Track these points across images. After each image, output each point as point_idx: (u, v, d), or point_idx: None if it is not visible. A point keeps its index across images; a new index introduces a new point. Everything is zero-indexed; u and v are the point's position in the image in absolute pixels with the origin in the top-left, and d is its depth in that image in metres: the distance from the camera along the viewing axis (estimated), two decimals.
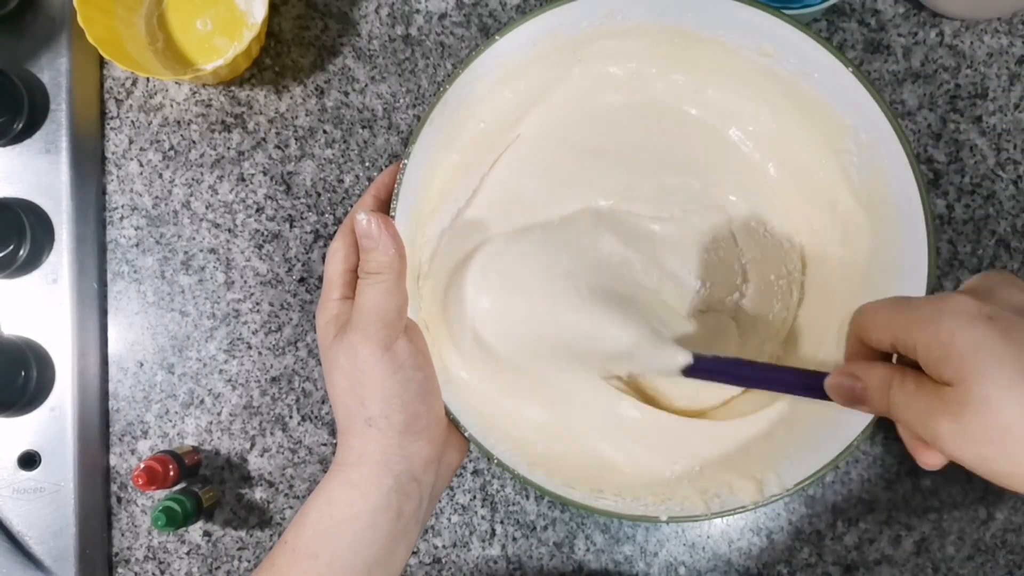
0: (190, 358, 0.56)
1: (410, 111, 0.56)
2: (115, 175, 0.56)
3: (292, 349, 0.56)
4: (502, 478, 0.55)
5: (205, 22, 0.55)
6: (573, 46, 0.45)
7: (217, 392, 0.56)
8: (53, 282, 0.54)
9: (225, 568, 0.56)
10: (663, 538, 0.55)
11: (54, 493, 0.53)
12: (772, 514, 0.55)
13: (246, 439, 0.56)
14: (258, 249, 0.56)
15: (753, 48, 0.44)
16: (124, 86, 0.56)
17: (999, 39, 0.54)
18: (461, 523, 0.55)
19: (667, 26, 0.45)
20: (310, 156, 0.56)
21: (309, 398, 0.56)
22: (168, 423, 0.56)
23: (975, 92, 0.54)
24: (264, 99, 0.56)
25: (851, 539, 0.55)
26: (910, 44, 0.54)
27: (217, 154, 0.56)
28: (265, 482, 0.56)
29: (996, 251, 0.54)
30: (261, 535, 0.56)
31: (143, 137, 0.56)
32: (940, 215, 0.54)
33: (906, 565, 0.55)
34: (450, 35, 0.56)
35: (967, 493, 0.54)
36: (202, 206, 0.56)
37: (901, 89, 0.54)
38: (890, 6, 0.54)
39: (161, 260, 0.56)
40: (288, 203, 0.56)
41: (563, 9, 0.43)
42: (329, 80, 0.56)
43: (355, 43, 0.56)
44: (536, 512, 0.55)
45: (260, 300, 0.56)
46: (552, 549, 0.55)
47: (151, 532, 0.56)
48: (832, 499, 0.55)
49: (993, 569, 0.54)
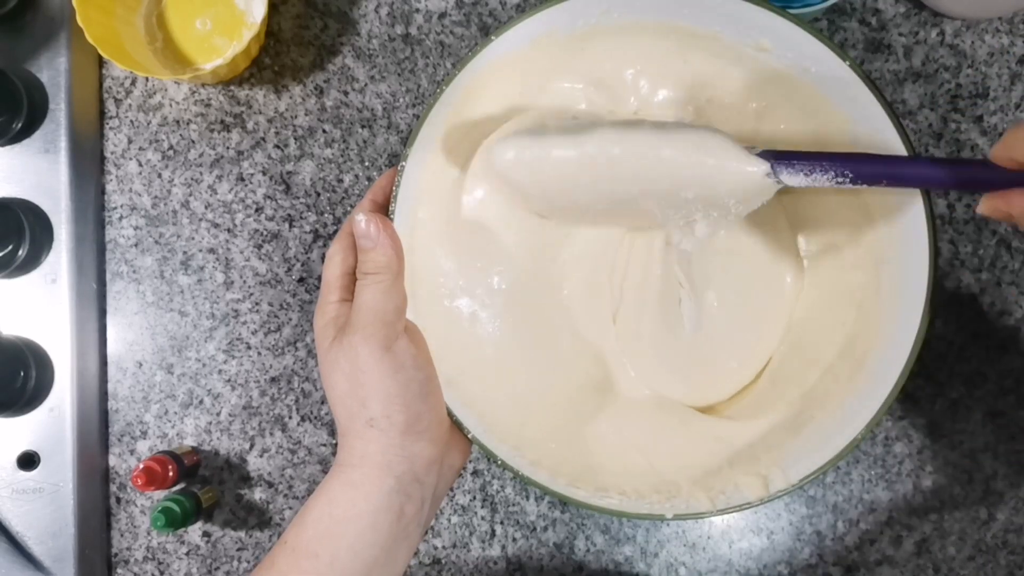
0: (189, 358, 0.56)
1: (410, 110, 0.56)
2: (114, 175, 0.56)
3: (291, 349, 0.56)
4: (502, 478, 0.55)
5: (204, 21, 0.55)
6: (571, 45, 0.45)
7: (216, 392, 0.56)
8: (52, 282, 0.54)
9: (224, 569, 0.56)
10: (663, 539, 0.55)
11: (53, 493, 0.53)
12: (773, 514, 0.55)
13: (245, 439, 0.56)
14: (257, 249, 0.56)
15: (750, 44, 0.44)
16: (123, 86, 0.56)
17: (1000, 39, 0.54)
18: (461, 524, 0.55)
19: (663, 23, 0.45)
20: (309, 156, 0.56)
21: (308, 398, 0.56)
22: (167, 423, 0.56)
23: (976, 92, 0.54)
24: (263, 99, 0.56)
25: (852, 539, 0.55)
26: (911, 43, 0.54)
27: (216, 154, 0.56)
28: (264, 482, 0.56)
29: (997, 251, 0.54)
30: (260, 535, 0.56)
31: (142, 137, 0.56)
32: (940, 215, 0.54)
33: (907, 566, 0.55)
34: (450, 34, 0.56)
35: (968, 494, 0.54)
36: (201, 206, 0.56)
37: (902, 89, 0.54)
38: (891, 5, 0.54)
39: (160, 260, 0.56)
40: (287, 203, 0.56)
41: (559, 8, 0.43)
42: (328, 79, 0.56)
43: (355, 42, 0.56)
44: (536, 513, 0.55)
45: (259, 300, 0.56)
46: (552, 550, 0.55)
47: (150, 533, 0.56)
48: (833, 499, 0.55)
49: (994, 570, 0.54)
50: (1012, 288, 0.54)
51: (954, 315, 0.54)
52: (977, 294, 0.54)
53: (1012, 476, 0.54)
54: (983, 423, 0.54)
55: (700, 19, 0.44)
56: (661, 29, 0.45)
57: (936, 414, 0.54)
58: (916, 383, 0.54)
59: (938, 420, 0.54)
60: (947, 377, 0.54)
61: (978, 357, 0.54)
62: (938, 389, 0.54)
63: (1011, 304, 0.54)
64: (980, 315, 0.54)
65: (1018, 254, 0.54)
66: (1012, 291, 0.54)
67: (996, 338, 0.54)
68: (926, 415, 0.54)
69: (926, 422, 0.54)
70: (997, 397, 0.54)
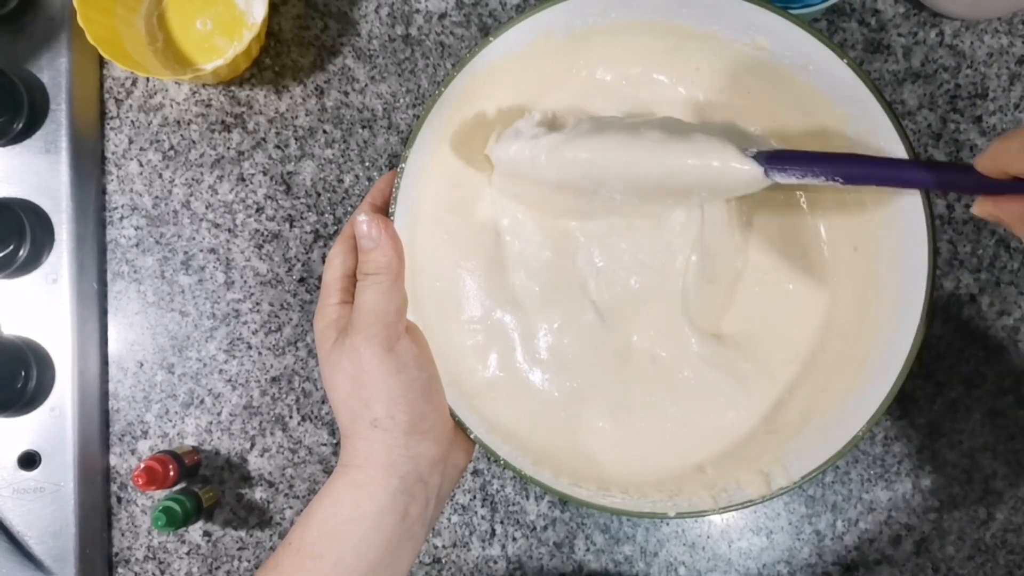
0: (190, 358, 0.56)
1: (410, 111, 0.56)
2: (115, 175, 0.56)
3: (292, 349, 0.56)
4: (502, 478, 0.55)
5: (205, 22, 0.55)
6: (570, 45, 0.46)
7: (217, 392, 0.56)
8: (53, 282, 0.54)
9: (225, 568, 0.56)
10: (663, 538, 0.55)
11: (54, 493, 0.53)
12: (772, 514, 0.55)
13: (246, 439, 0.56)
14: (258, 249, 0.56)
15: (748, 42, 0.44)
16: (124, 86, 0.56)
17: (999, 39, 0.54)
18: (461, 523, 0.55)
19: (661, 22, 0.45)
20: (310, 156, 0.56)
21: (309, 398, 0.56)
22: (168, 423, 0.56)
23: (975, 92, 0.54)
24: (264, 99, 0.56)
25: (851, 539, 0.55)
26: (910, 44, 0.54)
27: (217, 154, 0.56)
28: (265, 482, 0.56)
29: (996, 251, 0.54)
30: (261, 535, 0.56)
31: (143, 137, 0.56)
32: (940, 215, 0.54)
33: (906, 565, 0.55)
34: (450, 35, 0.56)
35: (967, 493, 0.54)
36: (202, 206, 0.56)
37: (901, 89, 0.54)
38: (890, 6, 0.54)
39: (161, 260, 0.56)
40: (288, 203, 0.56)
41: (557, 9, 0.43)
42: (329, 80, 0.56)
43: (355, 43, 0.56)
44: (536, 512, 0.55)
45: (260, 300, 0.56)
46: (552, 549, 0.55)
47: (151, 532, 0.56)
48: (832, 499, 0.55)
49: (993, 569, 0.55)
50: (1011, 288, 0.54)
51: (954, 315, 0.54)
52: (976, 294, 0.54)
53: (1011, 476, 0.54)
54: (982, 423, 0.54)
55: (698, 18, 0.44)
56: (659, 28, 0.45)
57: (935, 414, 0.54)
58: (916, 383, 0.54)
59: (937, 420, 0.54)
60: (946, 377, 0.54)
61: (977, 357, 0.54)
62: (937, 389, 0.54)
63: (1010, 304, 0.54)
64: (980, 315, 0.54)
65: (1017, 254, 0.54)
66: (1011, 291, 0.54)
67: (995, 338, 0.54)
68: (925, 415, 0.55)
69: (925, 422, 0.55)
70: (996, 397, 0.54)
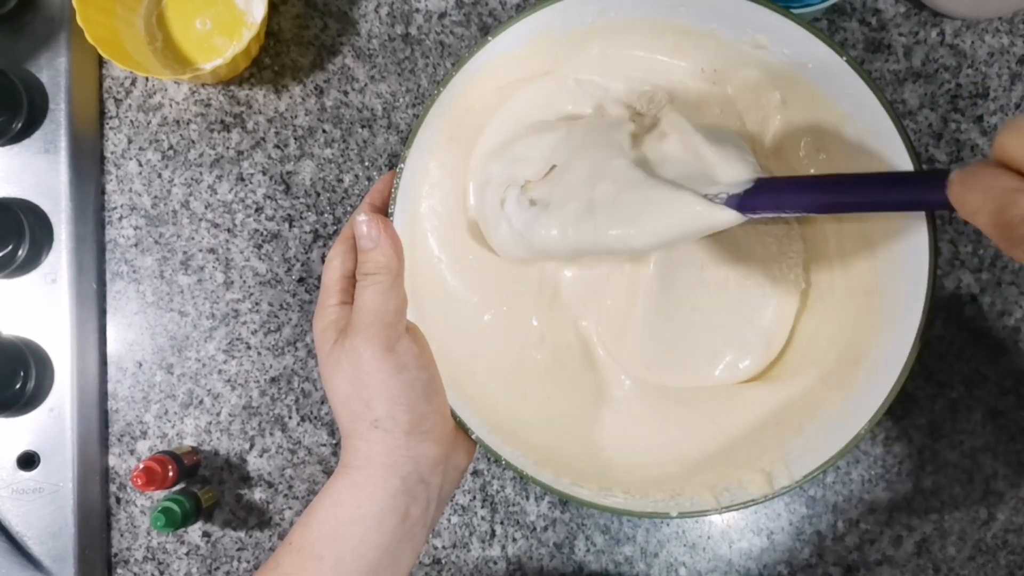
0: (189, 358, 0.56)
1: (410, 110, 0.56)
2: (114, 175, 0.56)
3: (291, 349, 0.56)
4: (502, 478, 0.55)
5: (204, 21, 0.55)
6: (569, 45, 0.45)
7: (216, 392, 0.56)
8: (52, 282, 0.54)
9: (224, 569, 0.56)
10: (663, 539, 0.55)
11: (53, 493, 0.53)
12: (773, 514, 0.55)
13: (245, 439, 0.56)
14: (257, 249, 0.56)
15: (748, 41, 0.44)
16: (123, 86, 0.56)
17: (1000, 39, 0.54)
18: (461, 524, 0.55)
19: (660, 21, 0.45)
20: (309, 156, 0.56)
21: (308, 398, 0.56)
22: (167, 423, 0.56)
23: (976, 92, 0.54)
24: (263, 99, 0.56)
25: (852, 540, 0.55)
26: (911, 43, 0.54)
27: (216, 154, 0.56)
28: (264, 483, 0.56)
29: (996, 251, 0.54)
30: (260, 536, 0.56)
31: (142, 137, 0.56)
32: (940, 215, 0.54)
33: (907, 566, 0.55)
34: (450, 34, 0.56)
35: (968, 494, 0.54)
36: (201, 206, 0.56)
37: (902, 89, 0.54)
38: (891, 5, 0.54)
39: (160, 260, 0.56)
40: (287, 203, 0.56)
41: (555, 8, 0.43)
42: (328, 79, 0.56)
43: (355, 42, 0.56)
44: (536, 513, 0.55)
45: (259, 300, 0.56)
46: (552, 550, 0.55)
47: (150, 533, 0.56)
48: (833, 499, 0.55)
49: (994, 570, 0.54)
50: (1012, 288, 0.54)
51: (954, 315, 0.54)
52: (977, 294, 0.54)
53: (1012, 476, 0.54)
54: (983, 423, 0.54)
55: (697, 17, 0.44)
56: (658, 27, 0.45)
57: (936, 414, 0.54)
58: (916, 383, 0.54)
59: (938, 420, 0.54)
60: (947, 377, 0.54)
61: (978, 357, 0.54)
62: (938, 389, 0.54)
63: (1011, 304, 0.54)
64: (980, 315, 0.54)
65: None
66: (1012, 291, 0.54)
67: (996, 338, 0.54)
68: (926, 415, 0.54)
69: (926, 422, 0.54)
70: (997, 397, 0.54)
